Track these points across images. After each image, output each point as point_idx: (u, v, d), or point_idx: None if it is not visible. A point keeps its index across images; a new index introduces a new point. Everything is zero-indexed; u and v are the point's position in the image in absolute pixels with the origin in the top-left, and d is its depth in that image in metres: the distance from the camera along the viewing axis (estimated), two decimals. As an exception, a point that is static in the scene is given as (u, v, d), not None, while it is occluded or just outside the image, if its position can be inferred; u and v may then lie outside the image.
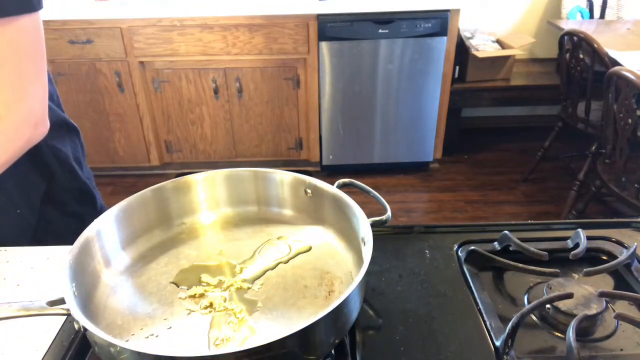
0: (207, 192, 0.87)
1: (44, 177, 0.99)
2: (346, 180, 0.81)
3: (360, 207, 0.74)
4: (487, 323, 0.70)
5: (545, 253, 0.77)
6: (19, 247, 0.89)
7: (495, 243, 0.84)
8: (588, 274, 0.75)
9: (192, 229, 0.85)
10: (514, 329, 0.65)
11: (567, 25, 2.90)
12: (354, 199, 0.76)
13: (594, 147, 2.49)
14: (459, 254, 0.83)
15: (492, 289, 0.78)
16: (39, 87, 0.86)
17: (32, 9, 0.81)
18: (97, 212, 1.11)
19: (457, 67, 2.92)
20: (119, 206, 0.77)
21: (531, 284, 0.78)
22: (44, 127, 0.88)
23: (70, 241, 0.69)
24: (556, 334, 0.69)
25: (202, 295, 0.72)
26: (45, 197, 1.00)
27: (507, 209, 2.79)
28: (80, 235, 0.70)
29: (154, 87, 2.78)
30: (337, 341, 0.63)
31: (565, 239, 0.84)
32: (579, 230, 0.82)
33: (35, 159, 0.95)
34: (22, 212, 0.97)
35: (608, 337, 0.68)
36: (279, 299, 0.71)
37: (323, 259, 0.77)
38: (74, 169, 1.04)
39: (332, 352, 0.65)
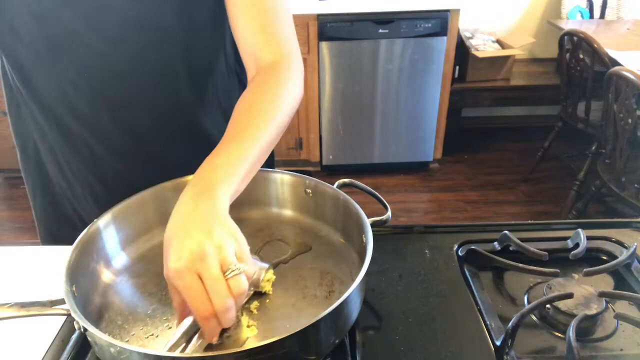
0: (207, 192, 0.86)
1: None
2: (346, 180, 0.81)
3: (360, 207, 0.74)
4: (487, 323, 0.70)
5: (545, 253, 0.77)
6: (19, 247, 0.90)
7: (495, 243, 0.83)
8: (588, 274, 0.75)
9: (192, 229, 0.85)
10: (514, 329, 0.65)
11: (567, 25, 2.90)
12: (354, 199, 0.76)
13: (594, 147, 2.49)
14: (459, 254, 0.83)
15: (492, 289, 0.78)
16: None
17: None
18: None
19: (457, 67, 2.92)
20: (119, 206, 0.76)
21: (531, 284, 0.78)
22: None
23: None
24: (556, 334, 0.69)
25: (202, 295, 0.71)
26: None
27: (507, 209, 2.79)
28: (80, 235, 0.70)
29: (154, 87, 2.77)
30: (337, 341, 0.63)
31: (565, 239, 0.84)
32: (579, 230, 0.82)
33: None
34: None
35: (608, 337, 0.68)
36: (279, 299, 0.70)
37: (323, 259, 0.77)
38: None
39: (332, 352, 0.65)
